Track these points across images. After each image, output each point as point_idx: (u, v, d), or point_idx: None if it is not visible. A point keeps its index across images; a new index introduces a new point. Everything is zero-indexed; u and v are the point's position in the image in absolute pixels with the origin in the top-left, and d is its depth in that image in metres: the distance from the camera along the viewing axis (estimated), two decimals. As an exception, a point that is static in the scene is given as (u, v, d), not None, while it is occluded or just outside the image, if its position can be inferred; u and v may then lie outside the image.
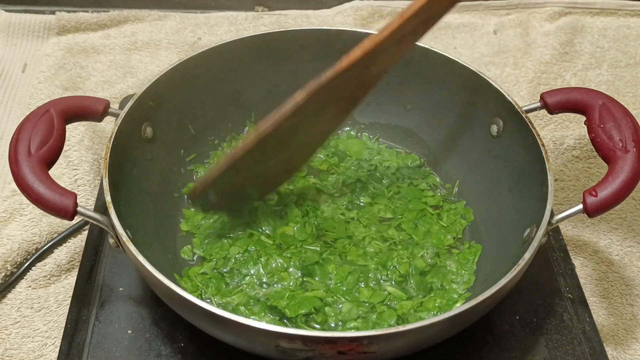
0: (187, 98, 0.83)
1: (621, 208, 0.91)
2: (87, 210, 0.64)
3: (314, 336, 0.56)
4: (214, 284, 0.73)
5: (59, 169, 0.90)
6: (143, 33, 1.19)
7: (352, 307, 0.71)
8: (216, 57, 0.83)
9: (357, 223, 0.81)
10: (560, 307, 0.76)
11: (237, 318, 0.57)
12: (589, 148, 0.98)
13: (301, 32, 0.87)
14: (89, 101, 0.72)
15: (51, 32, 1.18)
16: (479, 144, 0.83)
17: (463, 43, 1.21)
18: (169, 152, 0.82)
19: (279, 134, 0.73)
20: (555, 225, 0.66)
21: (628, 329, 0.79)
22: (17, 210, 0.87)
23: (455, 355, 0.71)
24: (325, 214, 0.81)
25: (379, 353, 0.59)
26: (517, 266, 0.62)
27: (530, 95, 1.09)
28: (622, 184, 0.65)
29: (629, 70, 1.16)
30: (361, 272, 0.75)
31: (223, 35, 1.19)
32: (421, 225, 0.81)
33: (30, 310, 0.78)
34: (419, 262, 0.76)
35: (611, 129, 0.69)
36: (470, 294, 0.74)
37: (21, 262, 0.82)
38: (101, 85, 1.08)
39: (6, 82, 1.09)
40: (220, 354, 0.69)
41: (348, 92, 0.73)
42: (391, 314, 0.71)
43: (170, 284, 0.59)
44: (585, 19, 1.25)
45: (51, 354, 0.74)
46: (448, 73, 0.83)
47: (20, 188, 0.64)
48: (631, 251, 0.87)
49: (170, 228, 0.80)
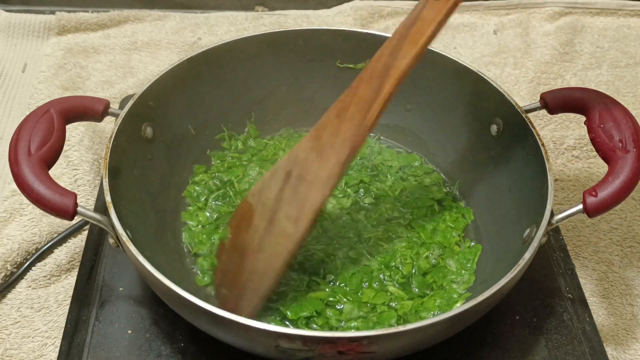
0: (187, 98, 0.83)
1: (621, 208, 0.92)
2: (87, 210, 0.64)
3: (314, 336, 0.56)
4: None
5: (59, 169, 0.90)
6: (143, 33, 1.19)
7: (353, 308, 0.71)
8: (216, 57, 0.83)
9: (363, 223, 0.81)
10: (560, 307, 0.76)
11: (237, 318, 0.56)
12: (589, 148, 0.98)
13: (301, 32, 0.87)
14: (89, 101, 0.72)
15: (51, 32, 1.18)
16: (479, 144, 0.83)
17: (463, 43, 1.21)
18: (169, 152, 0.82)
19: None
20: (555, 225, 0.66)
21: (628, 329, 0.79)
22: (17, 210, 0.87)
23: (455, 355, 0.71)
24: (331, 215, 0.81)
25: (379, 353, 0.59)
26: (517, 266, 0.62)
27: (530, 95, 1.09)
28: (622, 184, 0.65)
29: (629, 70, 1.16)
30: (364, 273, 0.75)
31: (223, 35, 1.19)
32: (428, 223, 0.81)
33: (30, 310, 0.78)
34: (423, 263, 0.76)
35: (611, 129, 0.69)
36: (470, 294, 0.74)
37: (21, 262, 0.82)
38: (101, 85, 1.08)
39: (6, 82, 1.09)
40: (220, 354, 0.69)
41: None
42: (391, 314, 0.71)
43: (170, 284, 0.59)
44: (585, 19, 1.25)
45: (51, 354, 0.74)
46: (448, 73, 0.83)
47: (20, 188, 0.64)
48: (631, 251, 0.87)
49: (171, 228, 0.80)
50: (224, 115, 0.89)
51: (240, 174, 0.86)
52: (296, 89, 0.91)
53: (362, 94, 0.65)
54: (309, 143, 0.67)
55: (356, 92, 0.65)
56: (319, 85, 0.91)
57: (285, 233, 0.67)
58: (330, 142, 0.65)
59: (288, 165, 0.68)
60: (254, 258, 0.70)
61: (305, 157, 0.67)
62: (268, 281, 0.69)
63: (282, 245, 0.67)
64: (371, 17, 1.23)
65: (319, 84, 0.90)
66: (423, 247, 0.78)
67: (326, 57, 0.88)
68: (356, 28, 1.06)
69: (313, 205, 0.65)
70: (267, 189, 0.70)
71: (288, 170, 0.68)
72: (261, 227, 0.69)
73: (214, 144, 0.89)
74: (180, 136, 0.84)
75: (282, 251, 0.67)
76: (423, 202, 0.84)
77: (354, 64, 0.88)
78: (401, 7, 1.25)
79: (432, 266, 0.77)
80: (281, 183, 0.68)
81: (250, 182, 0.85)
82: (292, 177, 0.68)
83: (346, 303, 0.72)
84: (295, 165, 0.68)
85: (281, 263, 0.67)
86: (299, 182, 0.67)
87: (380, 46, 0.67)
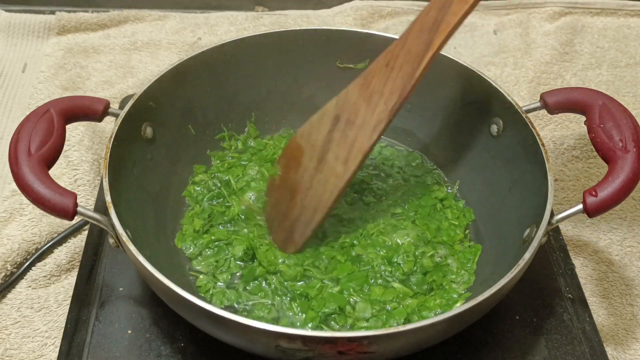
0: (187, 98, 0.83)
1: (621, 208, 0.92)
2: (87, 210, 0.64)
3: (314, 336, 0.56)
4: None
5: (59, 169, 0.90)
6: (143, 33, 1.19)
7: (366, 306, 0.71)
8: (216, 57, 0.83)
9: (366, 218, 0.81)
10: (560, 307, 0.76)
11: (237, 318, 0.56)
12: (589, 148, 0.98)
13: (301, 32, 0.87)
14: (89, 101, 0.72)
15: (51, 32, 1.18)
16: (479, 144, 0.83)
17: (463, 43, 1.21)
18: (169, 152, 0.82)
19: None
20: (555, 225, 0.66)
21: (628, 329, 0.79)
22: (17, 210, 0.87)
23: (455, 355, 0.71)
24: (335, 212, 0.82)
25: (379, 353, 0.59)
26: (517, 266, 0.62)
27: (530, 95, 1.09)
28: (622, 184, 0.65)
29: (629, 70, 1.16)
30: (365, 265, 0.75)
31: (223, 35, 1.19)
32: (432, 222, 0.81)
33: (30, 310, 0.78)
34: (427, 262, 0.76)
35: (611, 129, 0.69)
36: (470, 294, 0.74)
37: (21, 262, 0.82)
38: (101, 85, 1.08)
39: (6, 82, 1.09)
40: (220, 354, 0.69)
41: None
42: (401, 312, 0.71)
43: (170, 284, 0.59)
44: (585, 19, 1.25)
45: (51, 354, 0.74)
46: (448, 73, 0.83)
47: (20, 188, 0.64)
48: (631, 251, 0.87)
49: (171, 228, 0.80)
50: (224, 115, 0.89)
51: (240, 173, 0.86)
52: (296, 89, 0.91)
53: (411, 46, 0.68)
54: (357, 90, 0.71)
55: (405, 44, 0.69)
56: (319, 85, 0.91)
57: (335, 172, 0.73)
58: (378, 89, 0.70)
59: (336, 110, 0.73)
60: (305, 195, 0.76)
61: (354, 103, 0.71)
62: (319, 215, 0.75)
63: (332, 184, 0.73)
64: (371, 17, 1.23)
65: (319, 84, 0.90)
66: (429, 246, 0.78)
67: (326, 57, 0.88)
68: (356, 28, 1.06)
69: (362, 149, 0.71)
70: (316, 132, 0.75)
71: (336, 115, 0.73)
72: (311, 166, 0.75)
73: (214, 144, 0.89)
74: (180, 136, 0.84)
75: (332, 189, 0.73)
76: (426, 200, 0.84)
77: (354, 64, 0.88)
78: (401, 7, 1.25)
79: (435, 265, 0.77)
80: (330, 126, 0.73)
81: (249, 181, 0.85)
82: (340, 121, 0.72)
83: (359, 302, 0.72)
84: (344, 110, 0.72)
85: (332, 199, 0.73)
86: (347, 126, 0.72)
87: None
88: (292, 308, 0.71)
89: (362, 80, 0.71)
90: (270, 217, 0.80)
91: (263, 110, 0.92)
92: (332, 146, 0.73)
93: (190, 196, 0.84)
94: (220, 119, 0.89)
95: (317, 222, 0.75)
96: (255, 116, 0.91)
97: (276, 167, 0.81)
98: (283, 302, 0.72)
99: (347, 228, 0.80)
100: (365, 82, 0.71)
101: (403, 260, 0.76)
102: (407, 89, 0.68)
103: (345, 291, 0.72)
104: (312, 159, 0.75)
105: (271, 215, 0.80)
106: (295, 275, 0.74)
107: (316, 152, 0.75)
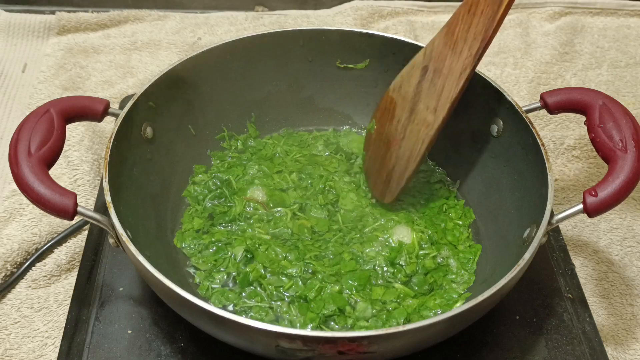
0: (187, 98, 0.83)
1: (621, 208, 0.92)
2: (87, 210, 0.64)
3: (314, 336, 0.56)
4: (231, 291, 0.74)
5: (59, 169, 0.90)
6: (143, 33, 1.19)
7: (367, 306, 0.71)
8: (216, 57, 0.83)
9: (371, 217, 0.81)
10: (560, 307, 0.76)
11: (237, 318, 0.56)
12: (589, 148, 0.98)
13: (301, 32, 0.87)
14: (89, 101, 0.72)
15: (51, 32, 1.18)
16: (479, 144, 0.83)
17: (463, 43, 1.21)
18: (169, 152, 0.82)
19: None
20: (555, 225, 0.66)
21: (628, 329, 0.79)
22: (17, 210, 0.87)
23: (455, 355, 0.71)
24: (346, 207, 0.83)
25: (379, 353, 0.59)
26: (517, 266, 0.62)
27: (530, 95, 1.09)
28: (622, 184, 0.65)
29: (629, 70, 1.16)
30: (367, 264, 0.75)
31: (223, 35, 1.19)
32: (439, 223, 0.82)
33: (30, 310, 0.78)
34: (429, 262, 0.76)
35: (611, 129, 0.69)
36: (470, 294, 0.74)
37: (21, 262, 0.82)
38: (101, 85, 1.08)
39: (6, 82, 1.09)
40: (220, 354, 0.69)
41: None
42: (401, 312, 0.71)
43: (170, 284, 0.59)
44: (585, 19, 1.25)
45: (51, 354, 0.74)
46: (448, 73, 0.83)
47: (20, 188, 0.64)
48: (631, 251, 0.87)
49: (171, 228, 0.80)
50: (224, 115, 0.89)
51: (240, 173, 0.86)
52: (296, 89, 0.91)
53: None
54: (442, 39, 0.73)
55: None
56: (319, 85, 0.91)
57: (425, 122, 0.75)
58: (462, 36, 0.71)
59: (424, 60, 0.75)
60: (399, 145, 0.79)
61: (440, 52, 0.73)
62: (412, 164, 0.78)
63: (423, 132, 0.76)
64: (371, 17, 1.23)
65: (319, 84, 0.90)
66: (434, 247, 0.78)
67: (326, 57, 0.88)
68: (356, 28, 1.06)
69: (450, 96, 0.73)
70: (407, 84, 0.77)
71: (424, 65, 0.75)
72: (403, 117, 0.78)
73: (214, 144, 0.89)
74: (180, 136, 0.84)
75: (423, 137, 0.76)
76: (434, 201, 0.84)
77: (354, 64, 0.89)
78: (401, 7, 1.25)
79: (437, 265, 0.77)
80: (419, 77, 0.76)
81: (249, 180, 0.85)
82: (428, 71, 0.75)
83: (360, 302, 0.72)
84: (431, 60, 0.74)
85: (424, 148, 0.76)
86: (435, 75, 0.74)
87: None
88: (290, 311, 0.71)
89: (447, 29, 0.73)
90: (368, 170, 0.85)
91: (263, 110, 0.92)
92: (422, 96, 0.75)
93: (190, 196, 0.84)
94: (220, 119, 0.89)
95: (411, 171, 0.78)
96: (255, 116, 0.91)
97: (372, 121, 0.84)
98: (281, 306, 0.71)
99: (353, 225, 0.80)
100: (450, 30, 0.72)
101: (406, 262, 0.76)
102: (490, 32, 0.69)
103: (347, 290, 0.73)
104: (405, 110, 0.78)
105: (369, 168, 0.85)
106: (298, 270, 0.74)
107: (407, 103, 0.77)
